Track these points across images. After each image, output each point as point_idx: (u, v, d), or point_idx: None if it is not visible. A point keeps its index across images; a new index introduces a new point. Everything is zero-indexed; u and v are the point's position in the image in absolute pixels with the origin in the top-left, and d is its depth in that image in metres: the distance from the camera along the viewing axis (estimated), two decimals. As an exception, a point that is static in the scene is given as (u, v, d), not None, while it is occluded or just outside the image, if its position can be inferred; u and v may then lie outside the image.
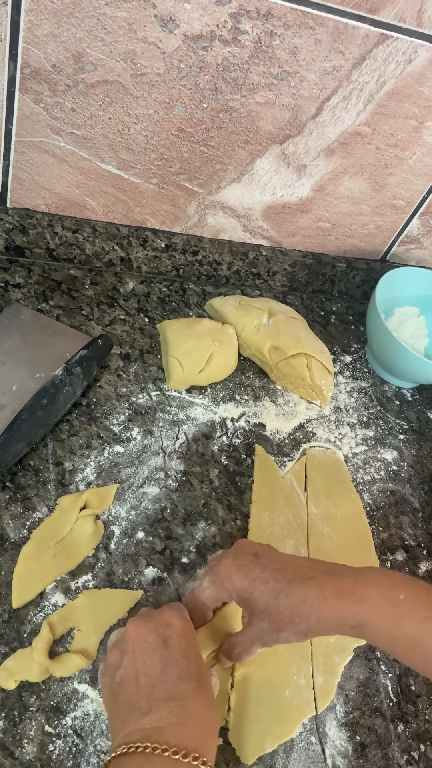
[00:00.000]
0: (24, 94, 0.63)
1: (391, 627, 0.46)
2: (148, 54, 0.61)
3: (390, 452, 0.80)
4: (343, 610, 0.47)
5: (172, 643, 0.47)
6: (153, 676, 0.45)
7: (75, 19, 0.57)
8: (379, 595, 0.47)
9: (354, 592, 0.47)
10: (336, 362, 0.86)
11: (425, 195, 0.82)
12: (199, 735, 0.43)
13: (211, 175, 0.74)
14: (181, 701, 0.44)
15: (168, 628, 0.48)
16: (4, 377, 0.67)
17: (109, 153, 0.70)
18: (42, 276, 0.78)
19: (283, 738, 0.55)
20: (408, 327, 0.86)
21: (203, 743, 0.42)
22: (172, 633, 0.48)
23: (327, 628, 0.48)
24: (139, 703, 0.44)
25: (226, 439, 0.73)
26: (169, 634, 0.48)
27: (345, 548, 0.68)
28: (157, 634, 0.48)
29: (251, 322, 0.79)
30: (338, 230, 0.86)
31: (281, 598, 0.48)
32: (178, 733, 0.42)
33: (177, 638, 0.48)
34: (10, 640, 0.53)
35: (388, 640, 0.47)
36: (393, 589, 0.47)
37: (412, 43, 0.63)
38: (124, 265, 0.83)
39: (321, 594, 0.47)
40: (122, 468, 0.66)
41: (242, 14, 0.59)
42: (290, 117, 0.69)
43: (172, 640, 0.47)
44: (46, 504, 0.61)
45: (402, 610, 0.46)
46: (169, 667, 0.46)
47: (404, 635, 0.46)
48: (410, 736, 0.59)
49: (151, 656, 0.46)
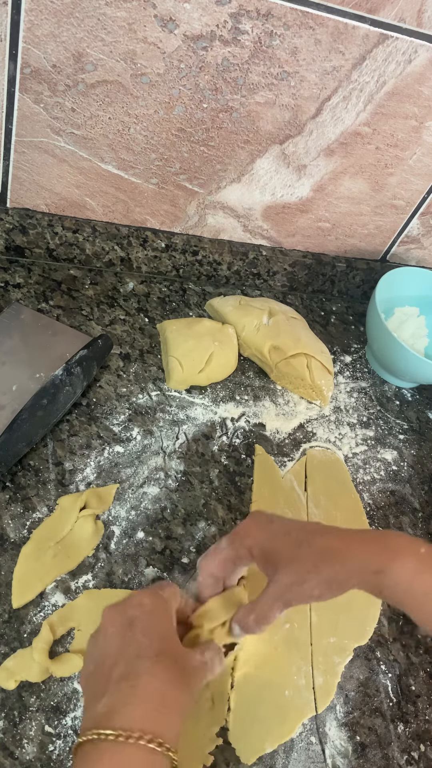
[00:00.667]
0: (24, 94, 0.63)
1: (410, 578, 0.45)
2: (148, 54, 0.61)
3: (390, 452, 0.80)
4: (367, 553, 0.47)
5: (138, 622, 0.45)
6: (113, 657, 0.44)
7: (75, 19, 0.57)
8: (400, 546, 0.47)
9: (377, 540, 0.48)
10: (336, 362, 0.86)
11: (425, 195, 0.82)
12: (150, 714, 0.40)
13: (211, 175, 0.74)
14: (135, 680, 0.41)
15: (137, 608, 0.46)
16: (4, 377, 0.67)
17: (109, 153, 0.70)
18: (42, 276, 0.78)
19: (283, 738, 0.55)
20: (408, 327, 0.86)
21: (155, 722, 0.40)
22: (139, 612, 0.46)
23: (350, 574, 0.47)
24: (99, 687, 0.43)
25: (226, 439, 0.73)
26: (136, 614, 0.46)
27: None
28: (124, 616, 0.46)
29: (251, 322, 0.79)
30: (338, 230, 0.86)
31: (304, 547, 0.48)
32: (125, 714, 0.40)
33: (143, 617, 0.45)
34: (10, 640, 0.53)
35: (405, 591, 0.46)
36: (414, 543, 0.47)
37: (412, 43, 0.63)
38: (124, 265, 0.83)
39: (344, 541, 0.48)
40: (122, 468, 0.66)
41: (242, 14, 0.59)
42: (290, 117, 0.69)
43: (138, 619, 0.45)
44: (46, 504, 0.61)
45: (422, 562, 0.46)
46: (129, 647, 0.44)
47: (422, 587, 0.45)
48: (410, 736, 0.59)
49: (114, 639, 0.45)
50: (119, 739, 0.38)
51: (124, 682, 0.41)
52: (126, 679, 0.42)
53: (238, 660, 0.57)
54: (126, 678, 0.42)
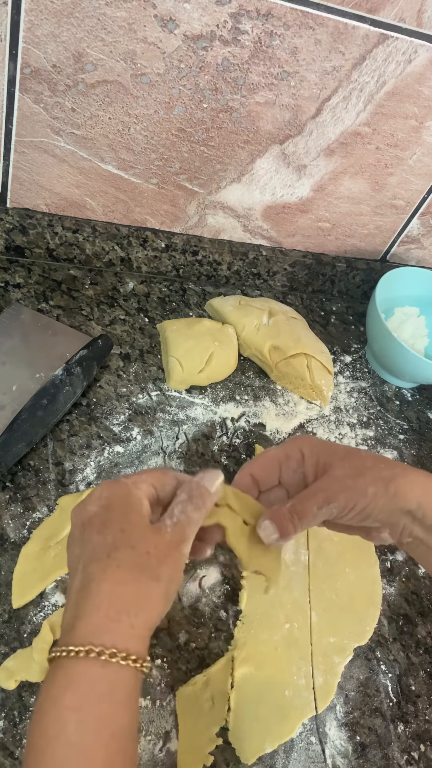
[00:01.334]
0: (24, 94, 0.63)
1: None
2: (148, 54, 0.61)
3: (390, 452, 0.80)
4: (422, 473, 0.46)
5: (94, 519, 0.40)
6: (73, 565, 0.40)
7: (75, 19, 0.57)
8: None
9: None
10: (336, 362, 0.86)
11: (425, 195, 0.82)
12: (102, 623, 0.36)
13: (211, 175, 0.74)
14: (86, 588, 0.37)
15: (95, 502, 0.41)
16: (4, 377, 0.67)
17: (109, 153, 0.70)
18: (42, 276, 0.78)
19: (283, 738, 0.55)
20: (408, 327, 0.86)
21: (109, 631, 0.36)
22: (96, 508, 0.40)
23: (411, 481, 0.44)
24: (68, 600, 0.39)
25: (226, 439, 0.73)
26: (93, 510, 0.40)
27: (345, 548, 0.68)
28: (84, 515, 0.40)
29: (251, 322, 0.79)
30: (338, 230, 0.86)
31: (362, 451, 0.47)
32: (78, 628, 0.36)
33: (100, 512, 0.40)
34: (10, 640, 0.53)
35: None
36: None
37: (412, 43, 0.63)
38: (124, 265, 0.83)
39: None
40: (122, 468, 0.66)
41: (242, 14, 0.59)
42: (290, 117, 0.69)
43: (96, 516, 0.40)
44: (46, 504, 0.61)
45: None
46: (85, 550, 0.39)
47: None
48: (410, 736, 0.59)
49: (75, 544, 0.40)
50: (71, 655, 0.35)
51: (78, 593, 0.37)
52: (80, 589, 0.37)
53: (238, 660, 0.57)
54: (80, 588, 0.37)
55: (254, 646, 0.58)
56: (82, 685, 0.35)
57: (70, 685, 0.35)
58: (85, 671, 0.35)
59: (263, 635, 0.59)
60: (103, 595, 0.36)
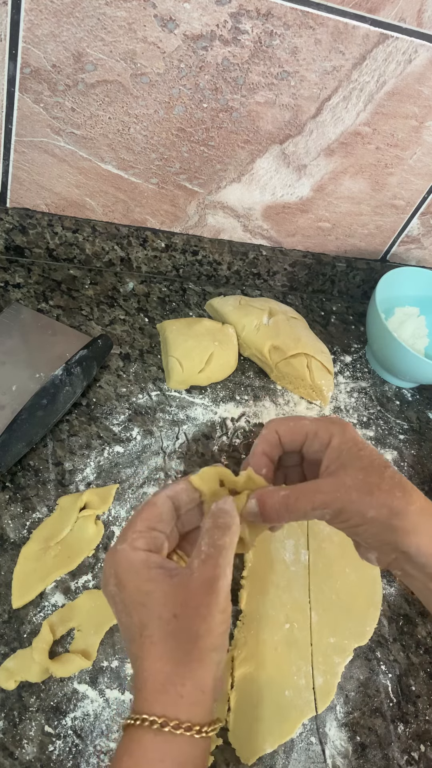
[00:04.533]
0: (24, 94, 0.63)
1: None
2: (148, 54, 0.61)
3: (390, 452, 0.80)
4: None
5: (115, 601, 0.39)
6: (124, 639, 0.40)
7: (75, 19, 0.57)
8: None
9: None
10: (336, 362, 0.86)
11: (425, 195, 0.82)
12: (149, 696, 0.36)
13: (211, 175, 0.74)
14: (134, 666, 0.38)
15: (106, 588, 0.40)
16: (4, 377, 0.67)
17: (109, 153, 0.70)
18: (42, 276, 0.78)
19: (283, 738, 0.55)
20: (408, 327, 0.86)
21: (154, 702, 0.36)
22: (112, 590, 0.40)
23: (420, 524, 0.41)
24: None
25: (226, 439, 0.73)
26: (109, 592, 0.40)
27: (345, 548, 0.68)
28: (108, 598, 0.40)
29: (251, 322, 0.79)
30: (338, 230, 0.86)
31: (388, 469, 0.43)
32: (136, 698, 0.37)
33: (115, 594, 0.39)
34: (10, 640, 0.53)
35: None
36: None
37: (412, 42, 0.63)
38: (124, 265, 0.83)
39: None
40: (122, 468, 0.66)
41: (242, 14, 0.59)
42: (290, 117, 0.69)
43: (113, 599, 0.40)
44: (46, 504, 0.61)
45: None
46: (123, 633, 0.40)
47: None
48: (410, 736, 0.59)
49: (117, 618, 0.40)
50: (129, 722, 0.36)
51: (132, 667, 0.38)
52: (132, 663, 0.38)
53: (238, 660, 0.57)
54: (132, 662, 0.38)
55: (254, 646, 0.58)
56: (136, 751, 0.36)
57: (127, 750, 0.36)
58: (140, 738, 0.36)
59: (263, 635, 0.59)
60: (146, 673, 0.37)
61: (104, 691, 0.53)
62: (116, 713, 0.52)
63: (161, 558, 0.40)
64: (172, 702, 0.36)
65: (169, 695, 0.36)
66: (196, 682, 0.36)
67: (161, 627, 0.37)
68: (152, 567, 0.39)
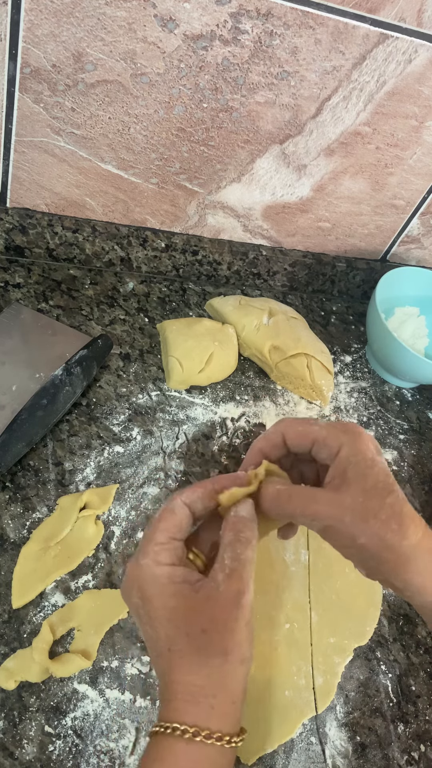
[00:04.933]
0: (24, 94, 0.63)
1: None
2: (148, 54, 0.61)
3: (390, 452, 0.80)
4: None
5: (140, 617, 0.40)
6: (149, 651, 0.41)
7: (75, 19, 0.57)
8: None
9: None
10: (336, 362, 0.86)
11: (425, 195, 0.82)
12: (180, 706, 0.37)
13: (211, 175, 0.74)
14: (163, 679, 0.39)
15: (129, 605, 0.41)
16: (4, 377, 0.67)
17: (109, 153, 0.70)
18: (42, 276, 0.78)
19: (283, 738, 0.55)
20: (408, 327, 0.86)
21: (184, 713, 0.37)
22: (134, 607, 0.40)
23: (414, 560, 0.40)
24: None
25: (226, 439, 0.73)
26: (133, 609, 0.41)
27: (345, 548, 0.68)
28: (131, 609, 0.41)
29: (251, 322, 0.79)
30: (338, 230, 0.86)
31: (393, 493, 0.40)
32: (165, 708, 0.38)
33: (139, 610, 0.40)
34: (10, 640, 0.53)
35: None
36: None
37: (412, 42, 0.63)
38: (124, 265, 0.83)
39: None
40: (122, 468, 0.66)
41: (242, 14, 0.59)
42: (290, 117, 0.69)
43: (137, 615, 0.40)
44: (46, 504, 0.61)
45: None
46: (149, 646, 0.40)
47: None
48: (410, 736, 0.59)
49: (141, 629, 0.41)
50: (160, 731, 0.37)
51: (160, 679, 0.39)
52: (160, 677, 0.39)
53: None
54: (160, 676, 0.39)
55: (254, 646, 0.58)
56: (168, 759, 0.37)
57: (158, 757, 0.37)
58: (172, 746, 0.37)
59: (263, 635, 0.59)
60: (177, 685, 0.38)
61: (104, 691, 0.53)
62: (116, 713, 0.52)
63: (185, 570, 0.40)
64: (203, 713, 0.37)
65: (201, 706, 0.37)
66: (227, 694, 0.38)
67: (190, 642, 0.38)
68: (177, 582, 0.39)
